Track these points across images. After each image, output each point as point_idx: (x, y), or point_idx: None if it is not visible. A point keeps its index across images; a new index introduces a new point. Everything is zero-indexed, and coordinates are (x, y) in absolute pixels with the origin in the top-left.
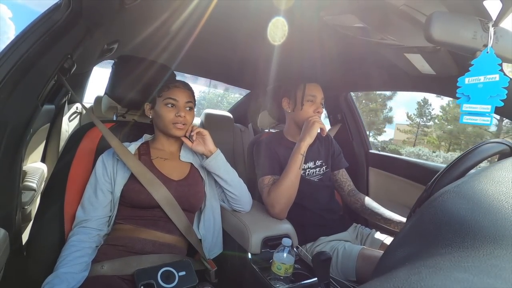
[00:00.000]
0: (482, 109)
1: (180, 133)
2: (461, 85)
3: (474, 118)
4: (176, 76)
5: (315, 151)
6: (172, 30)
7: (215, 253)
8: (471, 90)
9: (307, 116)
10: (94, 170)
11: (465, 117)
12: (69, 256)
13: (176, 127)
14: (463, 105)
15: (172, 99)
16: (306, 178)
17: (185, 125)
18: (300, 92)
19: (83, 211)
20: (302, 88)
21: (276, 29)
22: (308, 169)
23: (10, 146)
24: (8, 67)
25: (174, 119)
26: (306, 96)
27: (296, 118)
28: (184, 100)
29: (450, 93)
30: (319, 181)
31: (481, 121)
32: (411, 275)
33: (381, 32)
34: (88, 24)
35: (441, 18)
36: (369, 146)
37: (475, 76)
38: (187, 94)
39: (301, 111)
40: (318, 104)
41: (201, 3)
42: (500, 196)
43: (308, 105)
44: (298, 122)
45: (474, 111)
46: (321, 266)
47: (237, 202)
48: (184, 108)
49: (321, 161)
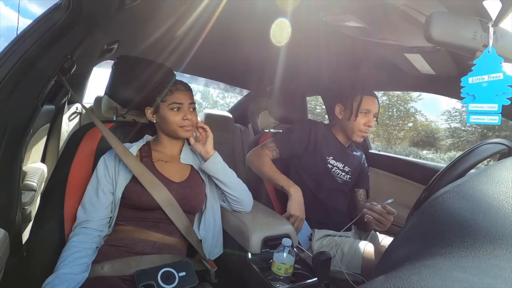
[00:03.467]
0: (489, 108)
1: (189, 135)
2: (465, 84)
3: (481, 117)
4: (176, 76)
5: (350, 158)
6: (172, 30)
7: (215, 254)
8: (475, 89)
9: (357, 127)
10: (96, 171)
11: (471, 117)
12: (70, 257)
13: (184, 130)
14: (469, 104)
15: (177, 104)
16: (333, 175)
17: (192, 126)
18: (356, 103)
19: (84, 211)
20: (359, 100)
21: (278, 31)
22: (335, 167)
23: (10, 146)
24: (8, 67)
25: (181, 122)
26: (362, 109)
27: (345, 125)
28: (188, 101)
29: (450, 93)
30: (341, 183)
31: (489, 120)
32: (411, 275)
33: (381, 32)
34: (88, 24)
35: (441, 18)
36: (369, 146)
37: (478, 75)
38: (189, 95)
39: (354, 121)
40: (371, 117)
41: (201, 3)
42: (500, 196)
43: (361, 116)
44: (345, 129)
45: (481, 110)
46: (321, 266)
47: (238, 203)
48: (189, 110)
49: (349, 169)
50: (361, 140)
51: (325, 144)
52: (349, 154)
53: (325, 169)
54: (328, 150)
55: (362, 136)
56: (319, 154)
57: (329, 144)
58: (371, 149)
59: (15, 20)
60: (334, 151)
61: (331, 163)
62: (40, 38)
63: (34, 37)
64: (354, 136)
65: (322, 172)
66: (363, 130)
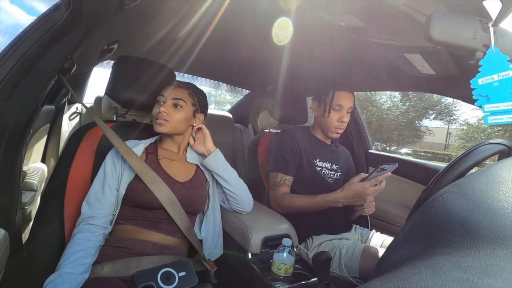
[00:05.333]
0: (505, 106)
1: (160, 129)
2: (475, 86)
3: (500, 117)
4: (176, 77)
5: (335, 155)
6: (172, 30)
7: (215, 255)
8: (487, 90)
9: (331, 124)
10: (103, 166)
11: (489, 118)
12: (73, 256)
13: (155, 122)
14: (484, 106)
15: (160, 95)
16: (323, 177)
17: (166, 121)
18: (328, 99)
19: (89, 207)
20: (331, 95)
21: (279, 31)
22: (324, 168)
23: (10, 146)
24: (8, 67)
25: (156, 114)
26: (333, 104)
27: (321, 122)
28: (171, 96)
29: (450, 93)
30: (332, 183)
31: (508, 119)
32: (411, 275)
33: (381, 32)
34: (88, 24)
35: (441, 18)
36: (369, 146)
37: (487, 75)
38: (175, 90)
39: (327, 118)
40: (344, 113)
41: (201, 4)
42: (500, 196)
43: (334, 113)
44: (322, 126)
45: (497, 110)
46: (321, 266)
47: (238, 202)
48: (170, 104)
49: (337, 166)
50: (336, 136)
51: (308, 148)
52: (333, 151)
53: (315, 173)
54: (312, 153)
55: (337, 133)
56: (305, 160)
57: (312, 147)
58: (371, 149)
59: (21, 18)
60: (319, 152)
61: (319, 165)
62: (40, 38)
63: (34, 37)
64: (329, 133)
65: (313, 177)
66: (337, 126)
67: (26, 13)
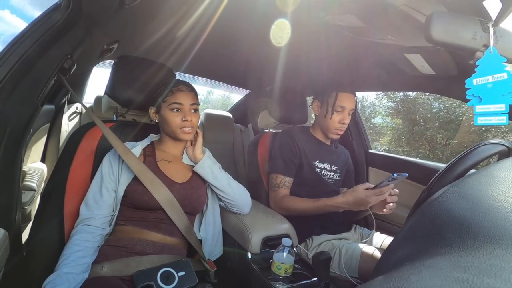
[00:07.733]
0: (496, 108)
1: (188, 137)
2: (469, 86)
3: (489, 118)
4: (176, 76)
5: (334, 156)
6: (172, 30)
7: (215, 255)
8: (481, 90)
9: (333, 125)
10: (101, 168)
11: (479, 119)
12: (72, 256)
13: (184, 132)
14: (475, 106)
15: (177, 104)
16: (322, 178)
17: (192, 128)
18: (331, 100)
19: (87, 208)
20: (334, 97)
21: (278, 31)
22: (324, 170)
23: (10, 146)
24: (8, 67)
25: (181, 123)
26: (336, 106)
27: (322, 123)
28: (188, 102)
29: (450, 93)
30: (332, 184)
31: (497, 120)
32: (411, 275)
33: (381, 32)
34: (88, 24)
35: (441, 18)
36: (368, 146)
37: (482, 76)
38: (191, 96)
39: (329, 119)
40: (345, 115)
41: (201, 4)
42: (500, 196)
43: (336, 114)
44: (323, 127)
45: (488, 111)
46: (321, 266)
47: (233, 206)
48: (189, 111)
49: (336, 167)
50: (336, 137)
51: (307, 149)
52: (333, 152)
53: (315, 175)
54: (312, 154)
55: (338, 134)
56: (304, 161)
57: (312, 148)
58: (371, 149)
59: (22, 28)
60: (319, 154)
61: (319, 166)
62: (40, 38)
63: (34, 37)
64: (330, 134)
65: (313, 178)
66: (338, 127)
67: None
